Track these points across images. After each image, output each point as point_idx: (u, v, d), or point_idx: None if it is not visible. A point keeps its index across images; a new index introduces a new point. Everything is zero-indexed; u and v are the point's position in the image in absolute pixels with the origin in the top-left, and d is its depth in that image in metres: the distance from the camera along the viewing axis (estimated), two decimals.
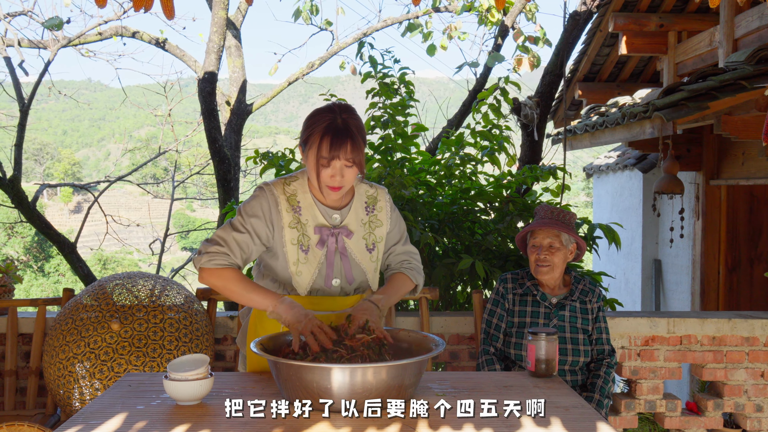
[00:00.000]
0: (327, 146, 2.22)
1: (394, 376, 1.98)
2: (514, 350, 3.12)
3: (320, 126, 2.25)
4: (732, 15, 5.52)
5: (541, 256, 3.12)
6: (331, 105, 2.32)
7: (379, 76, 4.60)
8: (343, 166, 2.25)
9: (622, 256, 8.21)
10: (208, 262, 2.29)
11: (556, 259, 3.11)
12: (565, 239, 3.14)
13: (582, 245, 3.21)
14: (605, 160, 9.04)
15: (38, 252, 25.02)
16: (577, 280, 3.21)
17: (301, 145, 2.34)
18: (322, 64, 8.75)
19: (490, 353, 3.15)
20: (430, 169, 4.46)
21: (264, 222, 2.34)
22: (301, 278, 2.35)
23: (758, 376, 3.76)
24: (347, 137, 2.23)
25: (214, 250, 2.29)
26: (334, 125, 2.24)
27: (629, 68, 7.81)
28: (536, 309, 3.14)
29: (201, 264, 2.30)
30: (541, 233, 3.15)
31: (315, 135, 2.25)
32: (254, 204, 2.36)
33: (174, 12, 2.84)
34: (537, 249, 3.14)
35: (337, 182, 2.28)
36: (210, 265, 2.28)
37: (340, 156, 2.23)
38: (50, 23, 6.93)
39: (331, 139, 2.22)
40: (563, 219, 3.17)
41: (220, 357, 3.77)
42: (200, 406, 2.08)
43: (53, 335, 3.32)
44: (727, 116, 4.55)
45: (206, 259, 2.29)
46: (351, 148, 2.23)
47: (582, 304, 3.15)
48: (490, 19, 7.80)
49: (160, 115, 10.32)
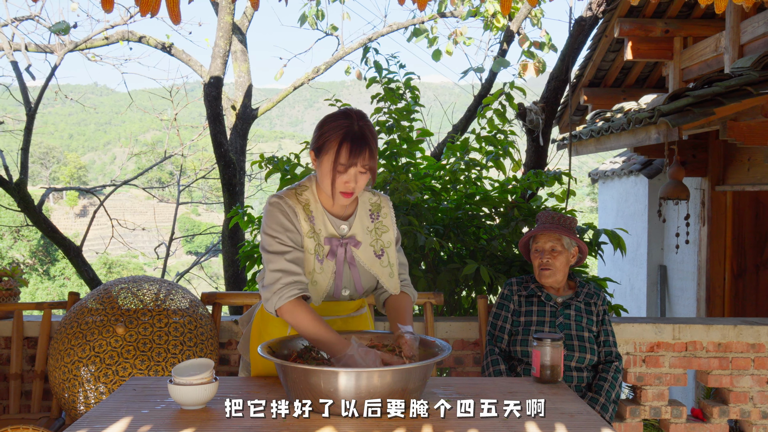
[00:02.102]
0: (346, 153, 2.19)
1: (398, 380, 1.99)
2: (520, 347, 3.15)
3: (338, 132, 2.22)
4: (738, 21, 5.52)
5: (544, 260, 3.19)
6: (347, 111, 2.29)
7: (385, 81, 4.61)
8: (359, 172, 2.23)
9: (627, 262, 8.19)
10: (281, 299, 2.19)
11: (558, 262, 3.18)
12: (566, 243, 3.20)
13: (584, 248, 3.28)
14: (610, 165, 9.02)
15: (44, 255, 25.09)
16: (582, 285, 3.28)
17: (313, 150, 2.29)
18: (327, 69, 8.78)
19: (495, 353, 3.19)
20: (435, 174, 4.46)
21: (295, 230, 2.29)
22: (316, 288, 2.32)
23: (764, 383, 3.74)
24: (366, 144, 2.21)
25: (276, 286, 2.21)
26: (352, 132, 2.21)
27: (635, 74, 7.81)
28: (542, 308, 3.20)
29: (275, 306, 2.21)
30: (543, 237, 3.22)
31: (332, 141, 2.22)
32: (274, 223, 2.28)
33: (180, 17, 2.84)
34: (540, 253, 3.21)
35: (350, 188, 2.25)
36: (284, 302, 2.19)
37: (358, 163, 2.21)
38: (57, 28, 6.96)
39: (351, 146, 2.19)
40: (564, 223, 3.25)
41: (224, 361, 3.77)
42: (205, 410, 2.08)
43: (58, 339, 3.32)
44: (732, 122, 4.54)
45: (277, 298, 2.20)
46: (369, 156, 2.22)
47: (587, 306, 3.21)
48: (495, 25, 7.80)
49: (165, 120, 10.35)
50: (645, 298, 7.78)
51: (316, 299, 2.35)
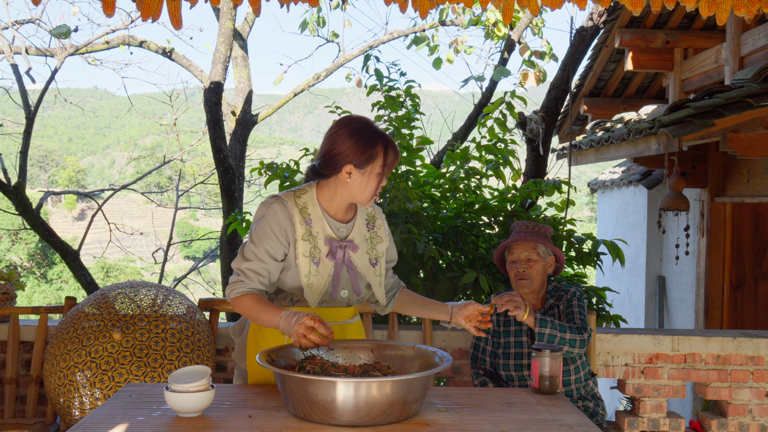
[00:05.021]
0: (393, 155, 2.34)
1: (398, 391, 1.97)
2: (503, 371, 3.12)
3: (378, 138, 2.32)
4: (738, 32, 5.52)
5: (520, 270, 3.11)
6: (362, 118, 2.40)
7: (385, 89, 4.60)
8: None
9: (626, 273, 8.18)
10: (230, 292, 2.35)
11: (533, 271, 3.10)
12: (542, 251, 3.14)
13: (560, 257, 3.20)
14: (610, 175, 9.02)
15: (41, 259, 25.04)
16: (555, 290, 3.17)
17: (354, 164, 2.30)
18: (328, 75, 8.78)
19: (480, 375, 3.16)
20: (435, 182, 4.46)
21: (278, 241, 2.33)
22: (312, 290, 2.36)
23: (763, 396, 3.73)
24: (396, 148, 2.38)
25: (234, 280, 2.36)
26: (383, 133, 2.35)
27: (635, 84, 7.81)
28: (519, 328, 3.13)
29: (227, 297, 2.38)
30: (518, 247, 3.16)
31: (377, 147, 2.32)
32: (265, 226, 2.34)
33: (182, 22, 2.84)
34: (516, 264, 3.14)
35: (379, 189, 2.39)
36: (232, 296, 2.35)
37: (395, 161, 2.37)
38: (58, 31, 6.96)
39: (393, 148, 2.35)
40: (539, 231, 3.19)
41: (221, 368, 3.75)
42: (201, 418, 2.07)
43: (54, 344, 3.30)
44: (733, 134, 4.54)
45: (228, 291, 2.36)
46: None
47: (555, 309, 3.11)
48: (496, 34, 7.81)
49: (165, 124, 10.34)
50: (643, 308, 7.76)
51: (312, 301, 2.37)
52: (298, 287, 2.36)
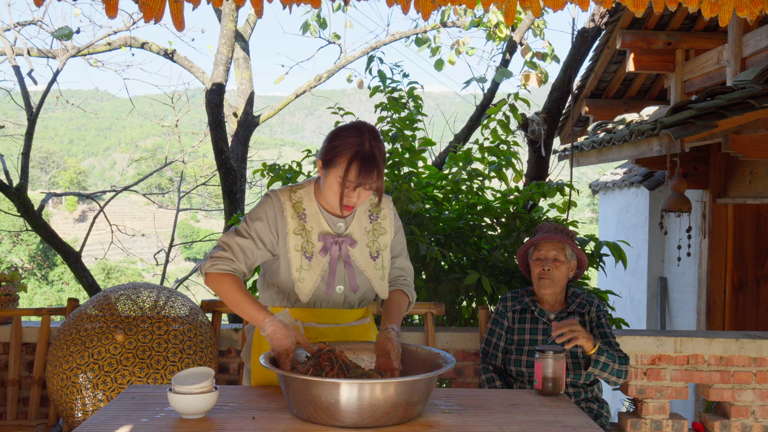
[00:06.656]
0: (355, 173, 2.22)
1: (402, 393, 1.97)
2: (514, 367, 3.10)
3: (349, 150, 2.23)
4: (740, 34, 5.52)
5: (545, 268, 3.09)
6: (360, 126, 2.30)
7: (388, 91, 4.61)
8: (363, 190, 2.28)
9: (628, 274, 8.17)
10: (212, 266, 2.31)
11: (558, 273, 3.09)
12: (568, 254, 3.13)
13: (583, 263, 3.19)
14: (611, 176, 9.02)
15: (43, 260, 25.06)
16: (576, 295, 3.18)
17: (321, 160, 2.31)
18: (329, 77, 8.77)
19: (489, 371, 3.14)
20: (437, 183, 4.46)
21: (268, 227, 2.36)
22: (303, 285, 2.35)
23: (766, 397, 3.72)
24: (375, 166, 2.24)
25: (219, 255, 2.32)
26: (363, 152, 2.23)
27: (636, 85, 7.81)
28: (534, 326, 3.12)
29: (205, 269, 2.33)
30: (546, 246, 3.13)
31: (342, 157, 2.24)
32: (259, 210, 2.39)
33: (184, 23, 2.84)
34: (542, 262, 3.11)
35: (353, 203, 2.31)
36: (213, 270, 2.31)
37: (366, 184, 2.25)
38: (60, 33, 6.96)
39: (360, 166, 2.22)
40: (567, 233, 3.18)
41: (224, 369, 3.75)
42: (204, 420, 2.06)
43: (57, 345, 3.30)
44: (735, 135, 4.53)
45: (210, 264, 2.32)
46: (376, 177, 2.26)
47: (580, 318, 3.11)
48: (498, 35, 7.81)
49: (166, 126, 10.34)
50: (645, 310, 7.75)
51: (303, 296, 2.37)
52: (289, 281, 2.36)
